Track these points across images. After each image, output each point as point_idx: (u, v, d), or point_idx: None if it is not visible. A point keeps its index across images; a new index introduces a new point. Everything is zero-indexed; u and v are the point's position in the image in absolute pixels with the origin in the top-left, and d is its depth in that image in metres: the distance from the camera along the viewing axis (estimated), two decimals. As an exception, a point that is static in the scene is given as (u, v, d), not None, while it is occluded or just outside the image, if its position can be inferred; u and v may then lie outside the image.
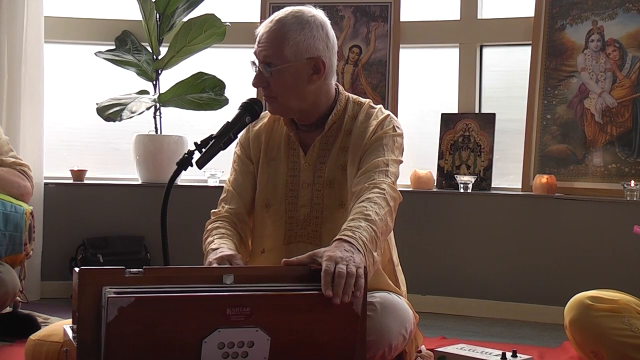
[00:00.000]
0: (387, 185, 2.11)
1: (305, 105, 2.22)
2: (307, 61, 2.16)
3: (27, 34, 4.11)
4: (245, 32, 4.43)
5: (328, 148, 2.26)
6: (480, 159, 4.16)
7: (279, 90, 2.17)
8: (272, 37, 2.15)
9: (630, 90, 3.87)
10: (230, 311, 1.65)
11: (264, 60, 2.16)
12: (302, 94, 2.19)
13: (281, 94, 2.18)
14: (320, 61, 2.17)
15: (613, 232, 3.68)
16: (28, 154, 4.00)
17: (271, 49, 2.14)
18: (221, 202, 2.31)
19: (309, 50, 2.15)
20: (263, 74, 2.16)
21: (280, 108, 2.23)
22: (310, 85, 2.19)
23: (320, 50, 2.17)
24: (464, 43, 4.31)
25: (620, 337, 2.45)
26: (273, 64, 2.14)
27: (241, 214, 2.28)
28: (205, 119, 4.42)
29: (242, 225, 2.27)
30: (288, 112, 2.25)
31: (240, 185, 2.31)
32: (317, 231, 2.22)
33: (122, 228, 4.17)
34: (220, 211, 2.28)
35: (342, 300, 1.73)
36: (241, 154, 2.35)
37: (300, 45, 2.14)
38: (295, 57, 2.14)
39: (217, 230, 2.20)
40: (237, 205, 2.28)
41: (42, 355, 2.13)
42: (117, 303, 1.58)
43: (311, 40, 2.15)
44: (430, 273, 3.99)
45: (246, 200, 2.30)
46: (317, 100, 2.22)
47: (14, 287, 2.94)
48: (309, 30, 2.15)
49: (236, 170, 2.34)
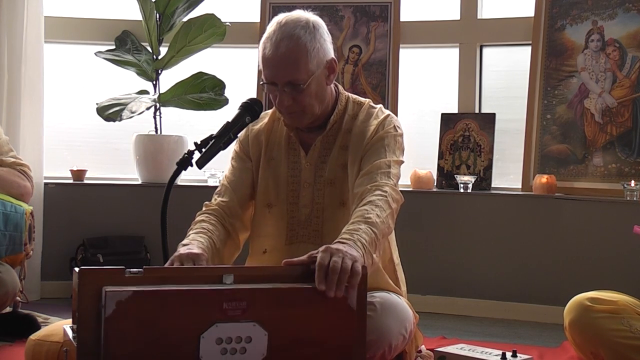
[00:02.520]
0: (389, 187, 2.11)
1: (322, 108, 2.23)
2: (325, 65, 2.18)
3: (27, 34, 4.11)
4: (245, 32, 4.45)
5: (329, 148, 2.26)
6: (480, 159, 4.16)
7: (307, 102, 2.17)
8: (294, 57, 2.12)
9: (630, 90, 3.87)
10: (227, 305, 1.67)
11: (293, 82, 2.13)
12: (323, 97, 2.22)
13: (310, 105, 2.18)
14: (333, 60, 2.21)
15: (613, 232, 3.68)
16: (28, 154, 3.99)
17: (296, 67, 2.13)
18: (215, 194, 2.31)
19: (325, 54, 2.18)
20: (287, 94, 2.15)
21: (305, 118, 2.22)
22: (328, 86, 2.23)
23: (330, 50, 2.21)
24: (464, 43, 4.32)
25: (619, 338, 2.45)
26: (302, 81, 2.13)
27: (233, 207, 2.27)
28: (205, 119, 4.42)
29: (232, 220, 2.26)
30: (309, 120, 2.23)
31: (236, 180, 2.31)
32: (318, 231, 2.22)
33: (122, 228, 4.17)
34: (211, 203, 2.28)
35: (335, 294, 1.73)
36: (240, 150, 2.35)
37: (319, 53, 2.16)
38: (318, 66, 2.16)
39: (199, 225, 2.19)
40: (229, 199, 2.27)
41: (42, 355, 2.14)
42: (115, 297, 1.59)
43: (323, 43, 2.18)
44: (430, 273, 3.99)
45: (240, 195, 2.29)
46: (328, 100, 2.24)
47: (14, 287, 2.94)
48: (319, 35, 2.17)
49: (233, 166, 2.35)
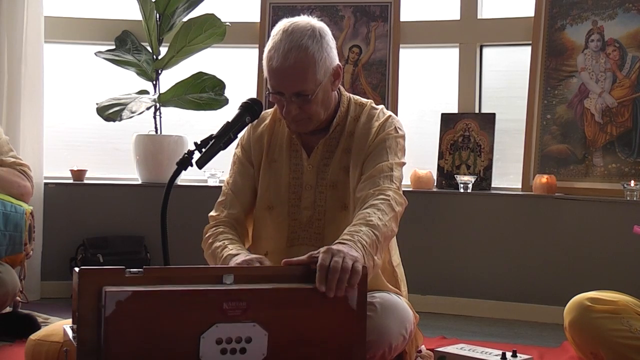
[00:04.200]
0: (392, 191, 2.11)
1: (328, 112, 2.23)
2: (331, 72, 2.18)
3: (27, 34, 4.11)
4: (245, 32, 4.45)
5: (331, 150, 2.26)
6: (480, 159, 4.16)
7: (314, 110, 2.17)
8: (302, 68, 2.11)
9: (630, 90, 3.87)
10: (226, 305, 1.67)
11: (302, 92, 2.13)
12: (329, 103, 2.22)
13: (315, 113, 2.18)
14: (339, 67, 2.20)
15: (613, 232, 3.68)
16: (28, 154, 4.00)
17: (304, 79, 2.12)
18: (219, 205, 2.30)
19: (332, 62, 2.18)
20: (294, 103, 2.14)
21: (311, 125, 2.22)
22: (333, 92, 2.23)
23: (335, 57, 2.20)
24: (464, 43, 4.32)
25: (619, 338, 2.45)
26: (310, 91, 2.13)
27: (240, 218, 2.28)
28: (205, 119, 4.42)
29: (241, 230, 2.27)
30: (315, 125, 2.23)
31: (239, 188, 2.30)
32: (320, 233, 2.22)
33: (122, 228, 4.17)
34: (219, 215, 2.27)
35: (335, 294, 1.73)
36: (242, 156, 2.34)
37: (326, 62, 2.15)
38: (325, 74, 2.16)
39: (224, 235, 2.18)
40: (236, 210, 2.27)
41: (42, 355, 2.14)
42: (115, 297, 1.60)
43: (329, 51, 2.17)
44: (430, 273, 3.99)
45: (244, 203, 2.29)
46: (333, 104, 2.24)
47: (14, 287, 2.94)
48: (325, 43, 2.16)
49: (236, 172, 2.33)
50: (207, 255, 2.21)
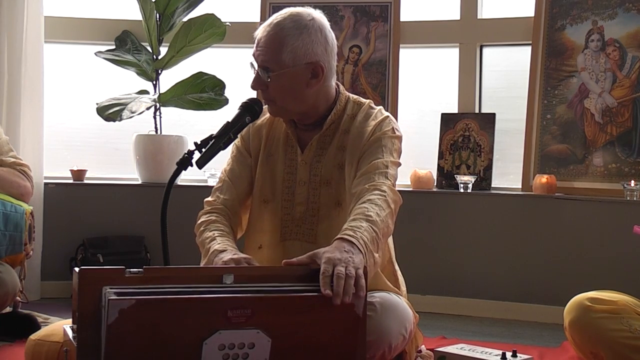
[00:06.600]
0: (387, 187, 2.11)
1: (304, 108, 2.22)
2: (305, 66, 2.15)
3: (27, 34, 4.10)
4: (245, 32, 4.41)
5: (325, 147, 2.26)
6: (480, 159, 4.16)
7: (277, 94, 2.17)
8: (270, 42, 2.13)
9: (630, 90, 3.87)
10: (231, 313, 1.65)
11: (262, 64, 2.15)
12: (301, 97, 2.19)
13: (280, 98, 2.18)
14: (319, 66, 2.16)
15: (613, 232, 3.68)
16: (28, 154, 3.99)
17: (269, 54, 2.13)
18: (215, 191, 2.31)
19: (308, 56, 2.14)
20: (261, 77, 2.16)
21: (280, 110, 2.23)
22: (309, 89, 2.18)
23: (318, 54, 2.15)
24: (464, 43, 4.31)
25: (619, 338, 2.45)
26: (271, 69, 2.14)
27: (234, 206, 2.28)
28: (205, 119, 4.42)
29: (234, 218, 2.27)
30: (287, 114, 2.25)
31: (236, 176, 2.31)
32: (313, 229, 2.22)
33: (122, 228, 4.16)
34: (214, 201, 2.28)
35: (342, 300, 1.72)
36: (240, 145, 2.35)
37: (298, 50, 2.12)
38: (294, 62, 2.13)
39: (215, 225, 2.19)
40: (231, 197, 2.28)
41: (42, 355, 2.14)
42: (118, 305, 1.57)
43: (309, 45, 2.14)
44: (430, 273, 3.99)
45: (240, 191, 2.30)
46: (316, 102, 2.22)
47: (14, 287, 2.94)
48: (307, 34, 2.13)
49: (233, 160, 2.34)
50: (198, 242, 2.22)
